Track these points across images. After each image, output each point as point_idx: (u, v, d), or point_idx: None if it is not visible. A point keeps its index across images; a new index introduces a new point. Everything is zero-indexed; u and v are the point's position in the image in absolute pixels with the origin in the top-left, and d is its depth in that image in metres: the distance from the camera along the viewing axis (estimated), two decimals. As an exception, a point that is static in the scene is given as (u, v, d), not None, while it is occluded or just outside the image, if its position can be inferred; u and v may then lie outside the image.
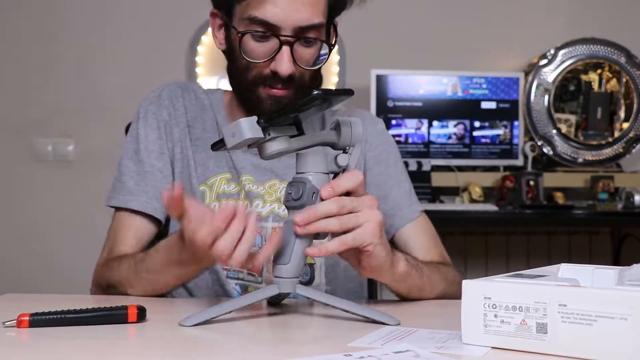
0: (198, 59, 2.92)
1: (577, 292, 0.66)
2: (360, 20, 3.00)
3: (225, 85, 1.24)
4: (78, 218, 2.85)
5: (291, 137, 0.89)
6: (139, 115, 1.23)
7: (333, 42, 1.18)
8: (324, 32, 1.14)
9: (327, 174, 0.91)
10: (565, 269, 0.84)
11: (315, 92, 0.82)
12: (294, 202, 0.89)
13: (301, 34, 1.09)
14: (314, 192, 0.89)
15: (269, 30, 1.09)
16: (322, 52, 1.15)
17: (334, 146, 0.93)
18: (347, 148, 0.92)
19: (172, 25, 2.88)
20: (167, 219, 1.21)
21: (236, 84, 1.18)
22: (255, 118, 0.87)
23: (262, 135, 0.87)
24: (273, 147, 0.88)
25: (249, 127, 0.86)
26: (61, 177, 2.89)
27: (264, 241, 1.16)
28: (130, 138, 1.22)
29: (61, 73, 2.90)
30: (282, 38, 1.08)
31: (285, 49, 1.08)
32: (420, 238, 1.23)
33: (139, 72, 2.87)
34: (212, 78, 2.91)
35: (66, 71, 2.91)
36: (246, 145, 0.89)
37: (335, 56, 2.85)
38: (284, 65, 1.08)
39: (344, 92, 0.84)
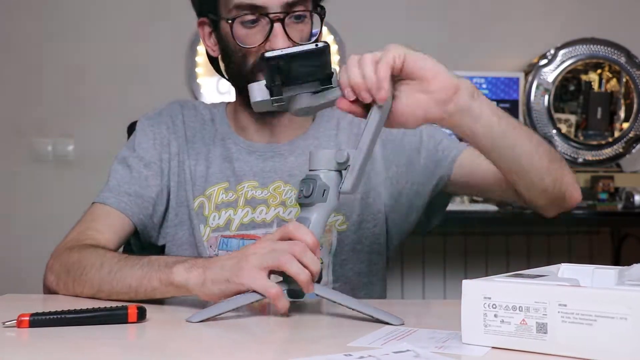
0: (198, 59, 2.91)
1: (577, 292, 0.66)
2: (360, 21, 3.00)
3: (224, 87, 1.25)
4: (78, 218, 2.84)
5: (315, 92, 0.95)
6: (137, 128, 1.25)
7: (323, 14, 1.16)
8: (310, 6, 1.14)
9: (339, 171, 0.92)
10: (565, 269, 0.84)
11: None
12: (304, 199, 0.91)
13: (290, 10, 1.10)
14: (324, 190, 0.90)
15: (258, 12, 1.09)
16: (315, 30, 1.15)
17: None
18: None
19: (172, 25, 2.87)
20: (144, 227, 1.20)
21: (236, 81, 1.18)
22: (264, 82, 0.95)
23: (269, 97, 0.95)
24: (294, 105, 0.96)
25: (257, 90, 0.96)
26: (61, 177, 2.88)
27: None
28: (125, 147, 1.24)
29: (61, 73, 2.90)
30: (272, 16, 1.09)
31: (278, 26, 1.08)
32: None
33: (139, 72, 2.87)
34: (212, 78, 2.91)
35: (66, 71, 2.91)
36: (270, 107, 0.97)
37: (335, 56, 2.85)
38: (279, 41, 1.08)
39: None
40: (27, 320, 0.81)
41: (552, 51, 2.88)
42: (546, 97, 2.87)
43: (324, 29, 1.15)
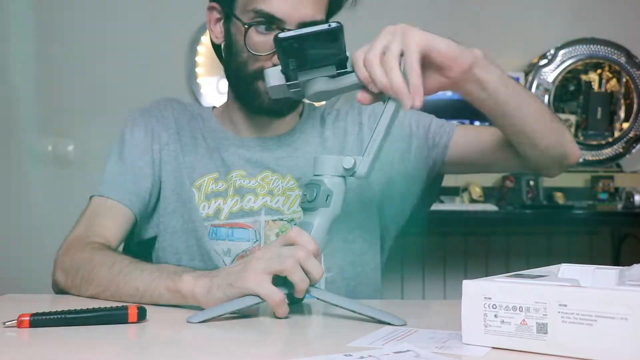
0: (198, 59, 2.92)
1: (577, 292, 0.66)
2: (359, 22, 3.00)
3: (226, 86, 1.26)
4: (78, 218, 2.84)
5: (331, 77, 0.94)
6: (127, 121, 1.27)
7: None
8: None
9: (344, 177, 0.92)
10: (566, 269, 0.84)
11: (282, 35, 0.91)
12: (307, 204, 0.92)
13: None
14: (327, 195, 0.90)
15: (274, 23, 1.10)
16: None
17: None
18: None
19: (172, 25, 2.87)
20: (141, 217, 1.21)
21: (234, 77, 1.20)
22: (279, 67, 0.96)
23: (285, 82, 0.95)
24: (309, 89, 0.95)
25: (273, 75, 0.97)
26: (61, 177, 2.89)
27: (258, 235, 1.17)
28: (117, 140, 1.25)
29: (61, 73, 2.90)
30: None
31: None
32: (476, 127, 1.23)
33: (139, 72, 2.87)
34: (212, 78, 2.91)
35: (66, 71, 2.91)
36: (286, 92, 0.97)
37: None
38: None
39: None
40: (27, 320, 0.81)
41: (552, 51, 2.88)
42: (546, 97, 2.87)
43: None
